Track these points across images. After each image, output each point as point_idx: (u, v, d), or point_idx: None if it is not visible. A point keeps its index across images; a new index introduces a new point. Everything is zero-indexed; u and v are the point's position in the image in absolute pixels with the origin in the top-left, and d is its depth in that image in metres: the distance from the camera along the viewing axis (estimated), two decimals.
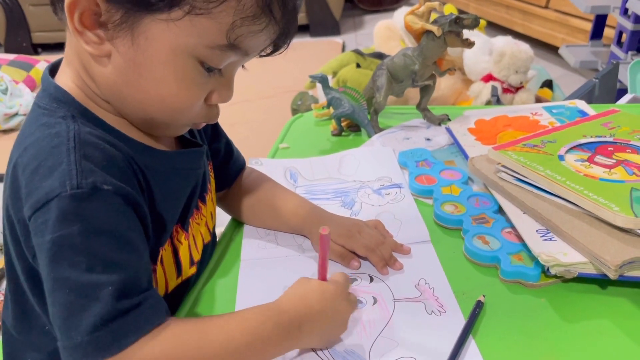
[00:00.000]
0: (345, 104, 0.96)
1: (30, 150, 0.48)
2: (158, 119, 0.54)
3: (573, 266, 0.59)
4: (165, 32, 0.48)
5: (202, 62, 0.50)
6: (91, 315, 0.43)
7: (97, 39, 0.49)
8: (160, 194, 0.55)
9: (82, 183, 0.45)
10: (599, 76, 1.50)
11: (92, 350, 0.43)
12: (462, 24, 0.86)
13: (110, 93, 0.52)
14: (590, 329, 0.56)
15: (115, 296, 0.44)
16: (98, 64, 0.50)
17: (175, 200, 0.59)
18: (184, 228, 0.61)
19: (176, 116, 0.54)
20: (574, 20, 2.56)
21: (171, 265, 0.59)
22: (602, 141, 0.76)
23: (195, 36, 0.48)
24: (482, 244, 0.66)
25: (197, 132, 0.68)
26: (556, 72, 2.56)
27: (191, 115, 0.54)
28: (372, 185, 0.81)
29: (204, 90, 0.53)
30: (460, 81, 2.03)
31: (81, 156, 0.46)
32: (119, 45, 0.49)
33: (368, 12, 3.76)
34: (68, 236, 0.44)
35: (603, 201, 0.61)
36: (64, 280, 0.44)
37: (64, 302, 0.44)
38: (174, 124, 0.56)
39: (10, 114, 2.39)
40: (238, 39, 0.49)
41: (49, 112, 0.51)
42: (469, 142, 0.87)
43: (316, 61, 2.37)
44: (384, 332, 0.55)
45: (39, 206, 0.45)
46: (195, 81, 0.51)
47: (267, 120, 2.30)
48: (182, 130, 0.59)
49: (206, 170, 0.67)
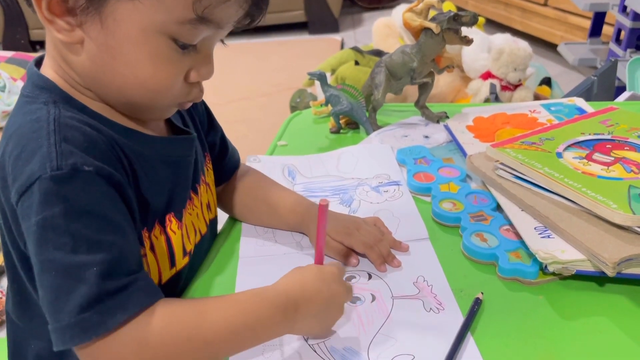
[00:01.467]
0: (344, 102, 0.96)
1: (13, 138, 0.49)
2: (139, 102, 0.54)
3: (571, 263, 0.59)
4: (132, 11, 0.47)
5: (175, 40, 0.50)
6: (77, 297, 0.43)
7: (67, 26, 0.49)
8: (147, 179, 0.55)
9: (62, 164, 0.45)
10: (598, 74, 1.50)
11: (79, 332, 0.43)
12: (461, 21, 0.86)
13: (89, 80, 0.52)
14: (588, 326, 0.56)
15: (100, 277, 0.44)
16: (72, 52, 0.51)
17: (162, 187, 0.58)
18: (177, 217, 0.60)
19: (156, 97, 0.53)
20: (573, 18, 2.56)
21: (164, 255, 0.59)
22: (601, 139, 0.76)
23: (162, 12, 0.48)
24: (480, 242, 0.66)
25: (192, 123, 0.67)
26: (555, 69, 2.56)
27: (172, 95, 0.54)
28: (371, 183, 0.81)
29: (181, 69, 0.52)
30: (459, 79, 2.02)
31: (61, 138, 0.47)
32: (89, 30, 0.49)
33: (367, 9, 3.75)
34: (51, 218, 0.44)
35: (601, 198, 0.62)
36: (50, 263, 0.44)
37: (51, 285, 0.44)
38: (157, 106, 0.55)
39: (8, 111, 2.38)
40: (206, 11, 0.48)
41: (31, 100, 0.51)
42: (467, 140, 0.87)
43: (315, 59, 2.37)
44: (382, 330, 0.55)
45: (23, 190, 0.45)
46: (170, 60, 0.51)
47: (266, 118, 2.29)
48: (168, 112, 0.58)
49: (199, 160, 0.66)
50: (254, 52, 3.17)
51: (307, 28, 3.43)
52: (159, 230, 0.58)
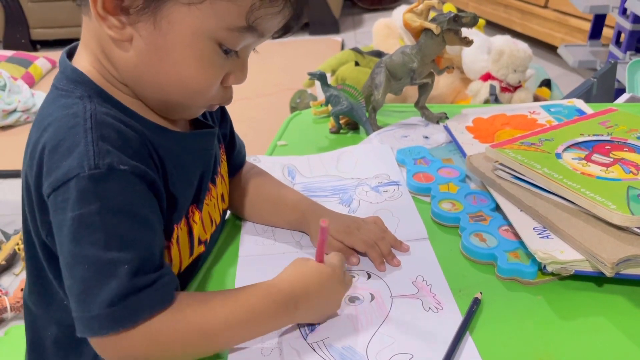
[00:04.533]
0: (344, 102, 0.97)
1: (49, 130, 0.50)
2: (175, 101, 0.55)
3: (569, 264, 0.59)
4: (187, 15, 0.49)
5: (221, 44, 0.52)
6: (108, 291, 0.46)
7: (119, 24, 0.50)
8: (175, 173, 0.57)
9: (99, 164, 0.47)
10: (597, 75, 1.50)
11: (107, 323, 0.46)
12: (461, 22, 0.86)
13: (130, 76, 0.54)
14: (587, 327, 0.56)
15: (131, 274, 0.46)
16: (119, 48, 0.52)
17: (188, 180, 0.60)
18: (198, 208, 0.62)
19: (194, 97, 0.55)
20: (573, 20, 2.56)
21: (186, 245, 0.61)
22: (600, 140, 0.76)
23: (215, 19, 0.49)
24: (479, 242, 0.66)
25: (209, 115, 0.69)
26: (555, 71, 2.56)
27: (208, 97, 0.56)
28: (370, 183, 0.81)
29: (221, 72, 0.54)
30: (459, 80, 2.03)
31: (98, 137, 0.48)
32: (141, 29, 0.50)
33: (367, 10, 3.76)
34: (87, 215, 0.46)
35: (600, 199, 0.62)
36: (83, 257, 0.46)
37: (82, 277, 0.46)
38: (191, 106, 0.57)
39: (9, 110, 2.38)
40: (256, 21, 0.50)
41: (66, 93, 0.52)
42: (467, 140, 0.87)
43: (315, 59, 2.37)
44: (381, 329, 0.55)
45: (58, 185, 0.47)
46: (213, 63, 0.53)
47: (266, 118, 2.29)
48: (198, 112, 0.60)
49: (217, 152, 0.67)
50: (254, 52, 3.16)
51: (307, 29, 3.43)
52: (184, 222, 0.60)
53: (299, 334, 0.55)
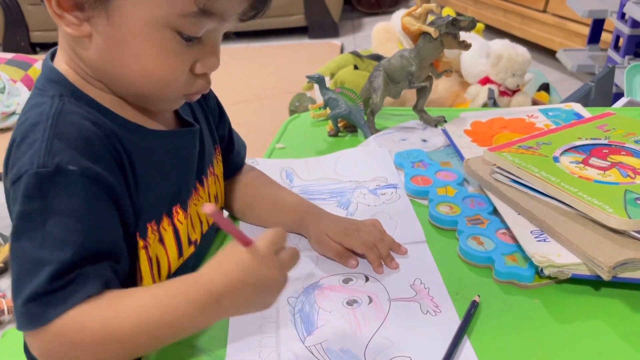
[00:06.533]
0: (342, 105, 0.97)
1: (19, 127, 0.52)
2: (147, 94, 0.55)
3: (567, 267, 0.59)
4: (136, 6, 0.49)
5: (180, 32, 0.51)
6: (29, 288, 0.46)
7: (76, 21, 0.50)
8: (151, 173, 0.56)
9: (47, 162, 0.47)
10: (595, 80, 1.51)
11: (24, 319, 0.47)
12: (459, 25, 0.87)
13: (98, 73, 0.54)
14: (584, 330, 0.56)
15: (52, 274, 0.46)
16: (81, 46, 0.52)
17: (165, 179, 0.59)
18: (182, 208, 0.62)
19: (163, 88, 0.54)
20: (572, 25, 2.57)
21: (173, 246, 0.60)
22: (597, 143, 0.76)
23: (166, 7, 0.49)
24: (477, 245, 0.66)
25: (204, 116, 0.68)
26: (553, 75, 2.57)
27: (178, 86, 0.55)
28: (368, 186, 0.81)
29: (186, 61, 0.53)
30: (458, 84, 2.03)
31: (54, 135, 0.49)
32: (96, 24, 0.50)
33: (367, 14, 3.76)
34: (30, 211, 0.47)
35: (597, 203, 0.62)
36: (20, 251, 0.47)
37: (16, 271, 0.47)
38: (164, 97, 0.56)
39: (8, 112, 2.39)
40: (207, 4, 0.49)
41: (41, 92, 0.53)
42: (465, 144, 0.88)
43: (314, 63, 2.37)
44: (379, 332, 0.55)
45: (14, 179, 0.49)
46: (175, 52, 0.52)
47: (265, 122, 2.29)
48: (176, 104, 0.59)
49: (207, 152, 0.67)
50: (254, 55, 3.17)
51: (307, 32, 3.44)
52: (167, 222, 0.59)
53: (297, 337, 0.55)
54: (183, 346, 0.55)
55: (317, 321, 0.57)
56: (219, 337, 0.56)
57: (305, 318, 0.57)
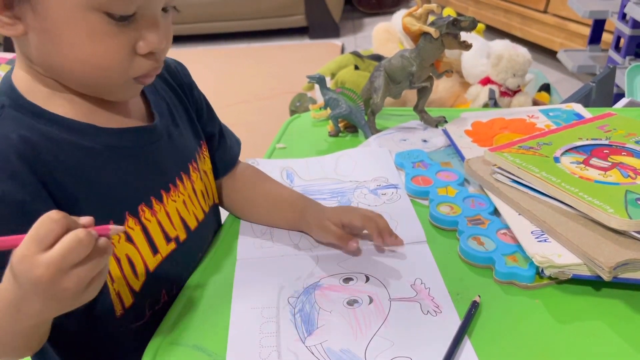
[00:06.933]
0: (343, 105, 0.97)
1: None
2: (92, 82, 0.54)
3: (567, 267, 0.59)
4: None
5: (109, 13, 0.49)
6: None
7: (9, 21, 0.49)
8: (98, 175, 0.55)
9: None
10: (596, 80, 1.50)
11: None
12: (460, 26, 0.87)
13: (45, 70, 0.53)
14: (584, 331, 0.56)
15: None
16: (24, 47, 0.52)
17: (123, 179, 0.58)
18: (148, 206, 0.60)
19: (106, 74, 0.53)
20: (573, 25, 2.57)
21: (144, 244, 0.59)
22: (598, 144, 0.76)
23: None
24: (477, 245, 0.66)
25: (185, 113, 0.68)
26: (554, 76, 2.57)
27: (122, 70, 0.53)
28: (369, 186, 0.81)
29: (124, 42, 0.51)
30: (458, 84, 2.03)
31: None
32: (27, 20, 0.49)
33: (367, 14, 3.76)
34: None
35: (598, 203, 0.62)
36: None
37: None
38: (111, 84, 0.54)
39: None
40: None
41: None
42: (465, 144, 0.88)
43: (315, 63, 2.37)
44: (379, 332, 0.55)
45: None
46: (108, 34, 0.50)
47: (266, 122, 2.29)
48: (129, 90, 0.57)
49: (182, 147, 0.66)
50: (254, 56, 3.17)
51: (307, 33, 3.44)
52: (133, 221, 0.58)
53: (297, 337, 0.55)
54: (183, 346, 0.55)
55: (317, 321, 0.57)
56: (220, 337, 0.56)
57: (306, 318, 0.57)
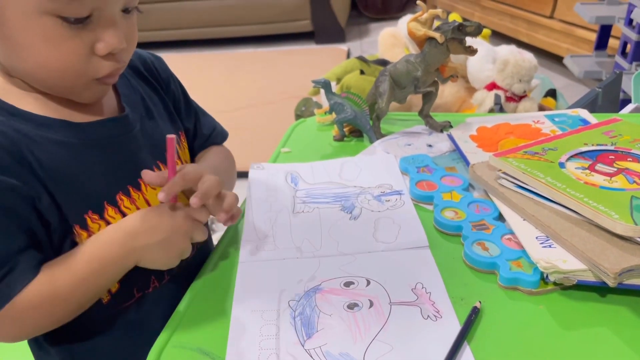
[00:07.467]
0: (348, 110, 0.97)
1: None
2: (54, 84, 0.55)
3: (572, 273, 0.59)
4: None
5: (62, 17, 0.49)
6: None
7: None
8: (75, 167, 0.56)
9: None
10: (602, 85, 1.50)
11: None
12: (465, 31, 0.86)
13: (14, 72, 0.55)
14: (589, 337, 0.55)
15: None
16: None
17: (97, 171, 0.58)
18: (126, 195, 0.60)
19: (64, 78, 0.53)
20: (579, 31, 2.56)
21: None
22: (604, 149, 0.76)
23: None
24: (482, 250, 0.66)
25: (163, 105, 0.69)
26: (560, 81, 2.56)
27: (81, 71, 0.53)
28: (373, 192, 0.81)
29: (79, 44, 0.52)
30: (464, 89, 2.03)
31: None
32: None
33: (373, 19, 3.77)
34: None
35: (603, 209, 0.61)
36: None
37: None
38: (75, 85, 0.55)
39: None
40: None
41: None
42: (470, 149, 0.87)
43: (321, 68, 2.38)
44: (379, 336, 0.55)
45: None
46: (62, 38, 0.50)
47: (271, 126, 2.30)
48: (94, 90, 0.58)
49: (158, 137, 0.66)
50: (260, 60, 3.18)
51: (313, 37, 3.45)
52: (112, 210, 0.59)
53: (296, 340, 0.55)
54: (183, 348, 0.55)
55: (317, 324, 0.57)
56: (219, 339, 0.56)
57: (306, 321, 0.57)
